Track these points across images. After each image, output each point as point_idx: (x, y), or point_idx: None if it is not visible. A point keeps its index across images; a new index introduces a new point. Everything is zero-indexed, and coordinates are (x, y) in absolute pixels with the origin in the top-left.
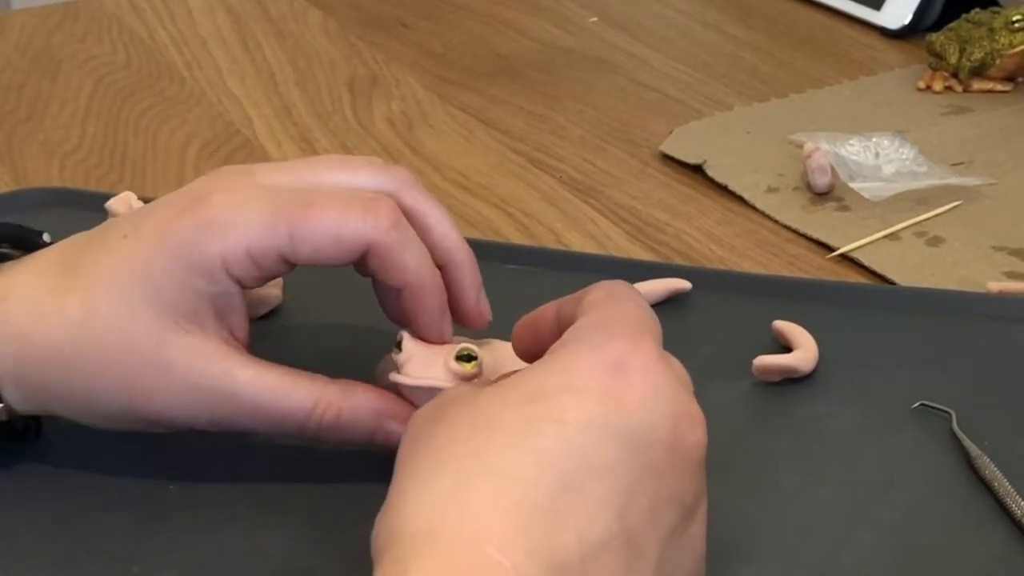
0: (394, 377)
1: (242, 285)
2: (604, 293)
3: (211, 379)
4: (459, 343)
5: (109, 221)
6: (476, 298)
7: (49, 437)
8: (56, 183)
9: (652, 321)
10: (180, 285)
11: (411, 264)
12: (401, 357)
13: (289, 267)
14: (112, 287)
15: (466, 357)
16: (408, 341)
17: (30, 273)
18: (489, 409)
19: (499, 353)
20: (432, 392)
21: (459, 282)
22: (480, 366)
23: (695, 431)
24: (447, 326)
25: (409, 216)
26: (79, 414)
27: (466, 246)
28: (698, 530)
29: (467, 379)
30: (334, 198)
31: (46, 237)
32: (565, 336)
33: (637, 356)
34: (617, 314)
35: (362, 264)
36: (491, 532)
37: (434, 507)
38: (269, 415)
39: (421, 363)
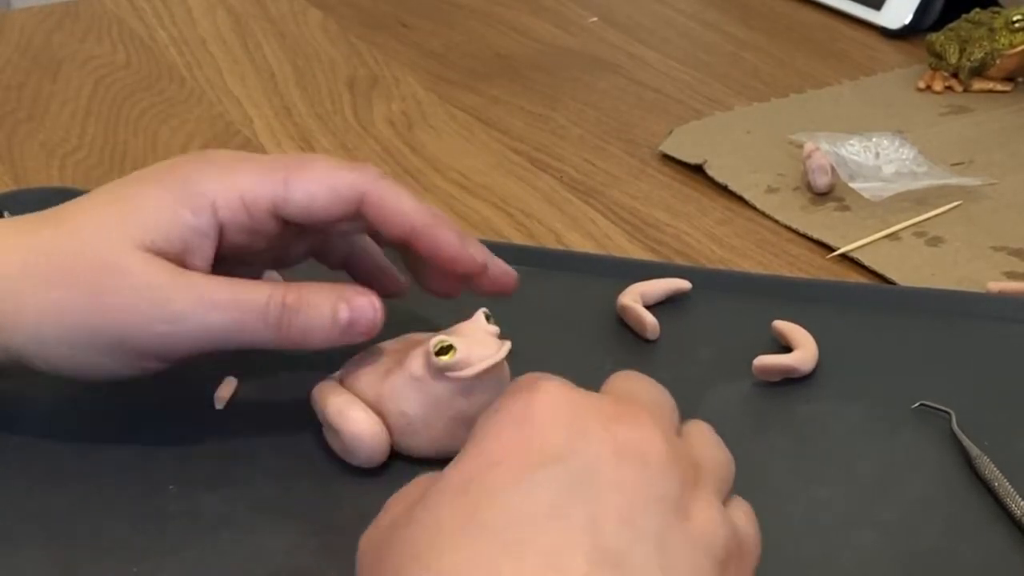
0: (459, 374)
1: (223, 235)
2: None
3: (168, 274)
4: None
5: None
6: (461, 243)
7: (50, 437)
8: (56, 183)
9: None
10: (164, 211)
11: (408, 206)
12: (460, 354)
13: (277, 226)
14: (94, 212)
15: (443, 350)
16: (455, 339)
17: (5, 224)
18: (428, 517)
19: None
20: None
21: (438, 237)
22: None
23: (635, 431)
24: (475, 248)
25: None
26: (42, 339)
27: (437, 213)
28: (704, 515)
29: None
30: (326, 157)
31: (5, 215)
32: None
33: (536, 397)
34: (514, 382)
35: (358, 223)
36: None
37: None
38: (228, 303)
39: (472, 350)
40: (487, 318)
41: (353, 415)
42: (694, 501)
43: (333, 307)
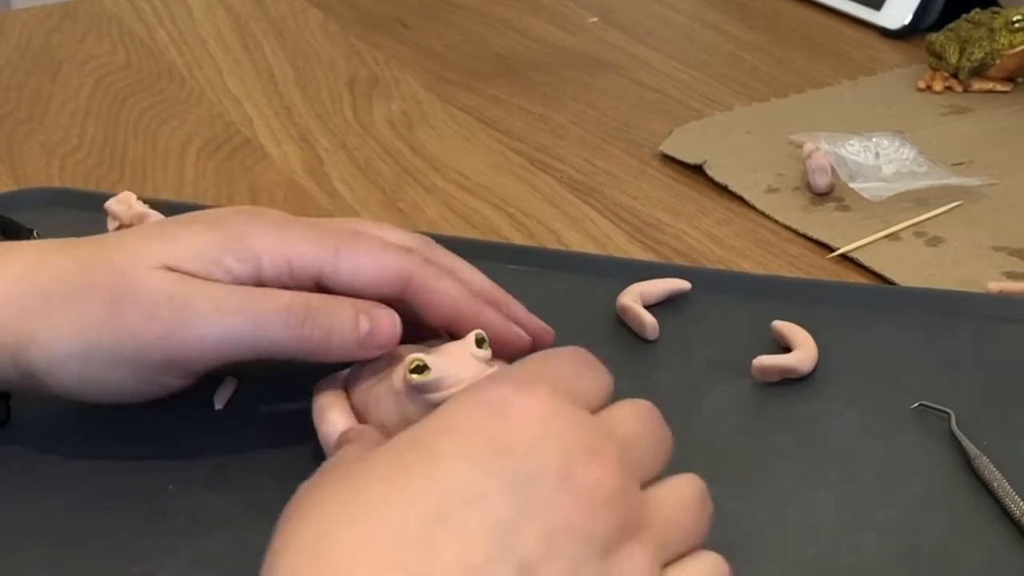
0: (431, 396)
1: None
2: (537, 353)
3: (185, 284)
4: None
5: None
6: (529, 317)
7: (50, 437)
8: (56, 183)
9: (569, 373)
10: (208, 251)
11: (453, 290)
12: (434, 374)
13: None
14: (133, 236)
15: (418, 369)
16: (430, 358)
17: (45, 242)
18: (362, 464)
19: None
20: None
21: (507, 310)
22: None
23: (591, 468)
24: (517, 329)
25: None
26: (56, 355)
27: (497, 286)
28: (631, 565)
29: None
30: (378, 236)
31: (36, 234)
32: None
33: (519, 398)
34: (519, 367)
35: (403, 304)
36: (358, 571)
37: (297, 559)
38: (247, 305)
39: (449, 371)
40: (480, 342)
41: (331, 416)
42: (625, 551)
43: (353, 317)
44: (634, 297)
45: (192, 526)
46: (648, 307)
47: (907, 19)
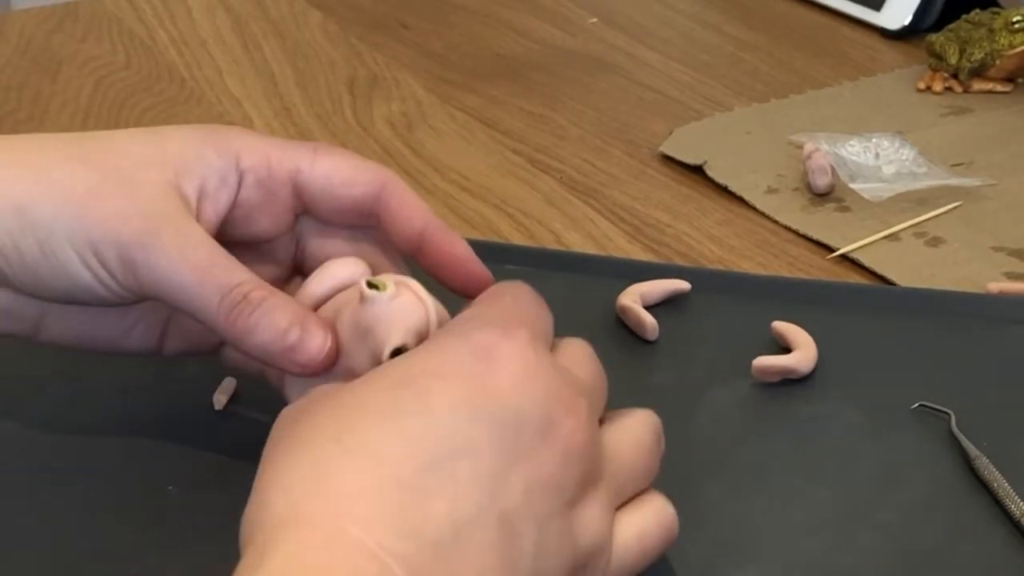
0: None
1: (240, 187)
2: (490, 291)
3: (172, 211)
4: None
5: None
6: (468, 247)
7: (50, 436)
8: None
9: (534, 315)
10: (190, 146)
11: (424, 205)
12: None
13: (290, 204)
14: (127, 134)
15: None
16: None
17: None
18: (353, 397)
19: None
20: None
21: (452, 235)
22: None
23: (570, 418)
24: (480, 263)
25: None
26: (25, 210)
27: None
28: (589, 515)
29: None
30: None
31: None
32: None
33: (505, 343)
34: (491, 307)
35: (371, 219)
36: (353, 512)
37: (293, 492)
38: (202, 267)
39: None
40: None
41: None
42: (586, 499)
43: (288, 324)
44: (634, 298)
45: (192, 526)
46: (648, 307)
47: (907, 20)
